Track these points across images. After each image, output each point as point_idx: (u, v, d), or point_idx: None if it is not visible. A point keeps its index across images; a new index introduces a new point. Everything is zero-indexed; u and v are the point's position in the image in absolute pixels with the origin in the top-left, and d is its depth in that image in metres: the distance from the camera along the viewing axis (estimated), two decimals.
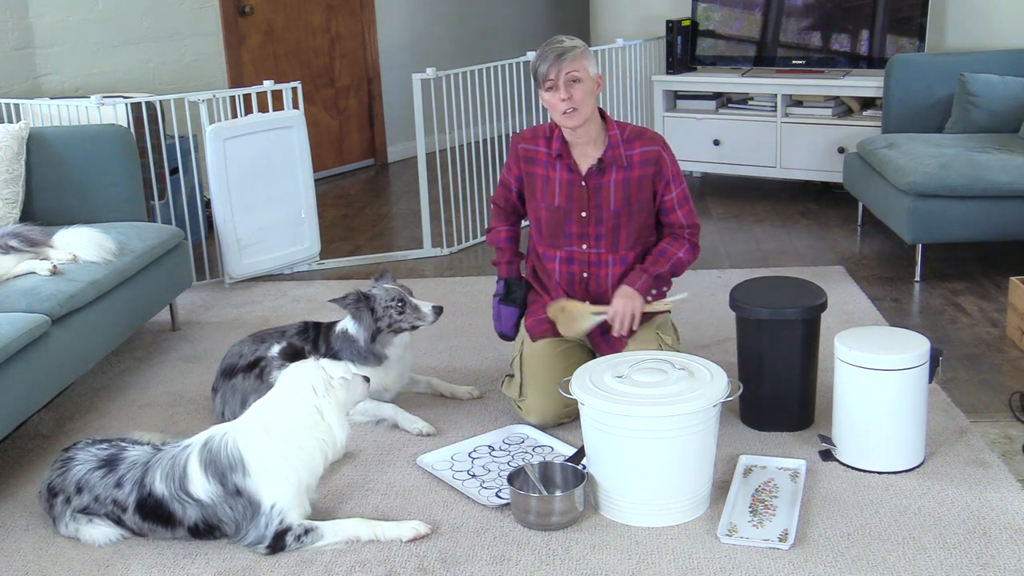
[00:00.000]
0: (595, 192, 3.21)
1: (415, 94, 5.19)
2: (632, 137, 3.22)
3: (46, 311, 3.28)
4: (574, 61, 3.10)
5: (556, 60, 3.09)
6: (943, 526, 2.65)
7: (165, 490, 2.64)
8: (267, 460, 2.63)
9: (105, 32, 5.72)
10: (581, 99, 3.10)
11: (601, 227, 3.23)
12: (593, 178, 3.21)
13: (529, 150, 3.30)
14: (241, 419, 2.73)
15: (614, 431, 2.70)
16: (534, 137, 3.31)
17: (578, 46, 3.13)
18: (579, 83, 3.10)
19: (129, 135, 4.28)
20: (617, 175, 3.20)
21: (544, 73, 3.11)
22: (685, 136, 6.16)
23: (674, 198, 3.25)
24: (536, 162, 3.29)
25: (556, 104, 3.12)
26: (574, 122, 3.13)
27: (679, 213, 3.26)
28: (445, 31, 8.00)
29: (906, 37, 5.61)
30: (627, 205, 3.22)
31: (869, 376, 2.86)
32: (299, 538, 2.64)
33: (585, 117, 3.14)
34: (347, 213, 6.27)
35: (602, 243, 3.25)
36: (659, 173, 3.21)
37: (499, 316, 3.46)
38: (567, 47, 3.11)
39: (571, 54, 3.10)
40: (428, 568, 2.56)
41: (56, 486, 2.74)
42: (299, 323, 3.54)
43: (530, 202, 3.36)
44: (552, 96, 3.13)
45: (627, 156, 3.20)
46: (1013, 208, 4.33)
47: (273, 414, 2.67)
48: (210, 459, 2.64)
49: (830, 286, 4.01)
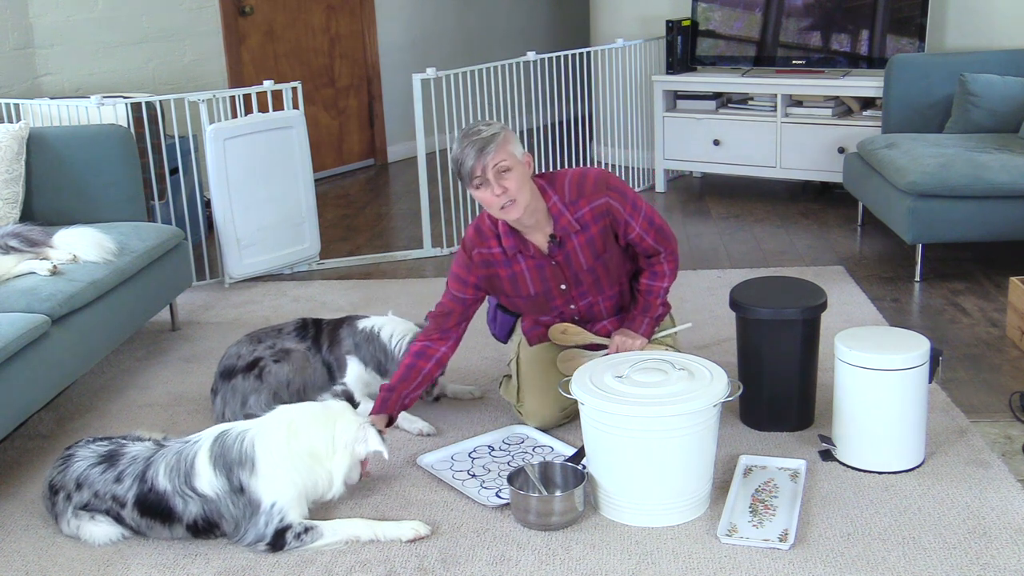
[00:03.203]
0: (566, 265, 3.09)
1: (415, 94, 5.19)
2: (574, 197, 3.01)
3: (46, 311, 3.28)
4: (499, 150, 2.86)
5: (479, 154, 2.85)
6: (943, 526, 2.65)
7: (168, 485, 2.65)
8: (277, 464, 2.66)
9: (105, 32, 5.72)
10: (516, 188, 2.88)
11: (581, 287, 3.14)
12: (557, 253, 3.06)
13: (485, 255, 3.08)
14: (264, 420, 2.78)
15: (614, 431, 2.70)
16: (484, 240, 3.08)
17: (498, 132, 2.89)
18: (510, 172, 2.87)
19: (129, 135, 4.28)
20: (577, 239, 3.04)
21: (470, 170, 2.87)
22: (685, 136, 6.16)
23: (639, 231, 3.07)
24: (495, 264, 3.09)
25: (491, 200, 2.90)
26: (515, 214, 2.92)
27: (649, 241, 3.09)
28: (445, 31, 8.00)
29: (906, 37, 5.61)
30: (598, 259, 3.09)
31: (869, 376, 2.86)
32: (299, 536, 2.64)
33: (524, 205, 2.92)
34: (347, 213, 6.27)
35: (587, 295, 3.17)
36: (615, 220, 3.04)
37: (495, 319, 3.46)
38: (487, 136, 2.87)
39: (494, 144, 2.86)
40: (428, 568, 2.56)
41: (57, 483, 2.75)
42: (297, 320, 3.54)
43: (502, 298, 3.24)
44: (484, 193, 2.89)
45: (577, 219, 3.02)
46: (1013, 208, 4.33)
47: (299, 429, 2.73)
48: (221, 453, 2.66)
49: (830, 286, 4.01)
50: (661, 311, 3.24)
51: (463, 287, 3.12)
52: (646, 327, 3.18)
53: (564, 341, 3.23)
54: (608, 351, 3.14)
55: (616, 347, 3.13)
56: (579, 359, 3.18)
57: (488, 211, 3.00)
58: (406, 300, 4.47)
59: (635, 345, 3.12)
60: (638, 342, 3.13)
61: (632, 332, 3.16)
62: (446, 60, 7.27)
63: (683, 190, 6.43)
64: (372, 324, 3.43)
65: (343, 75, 7.33)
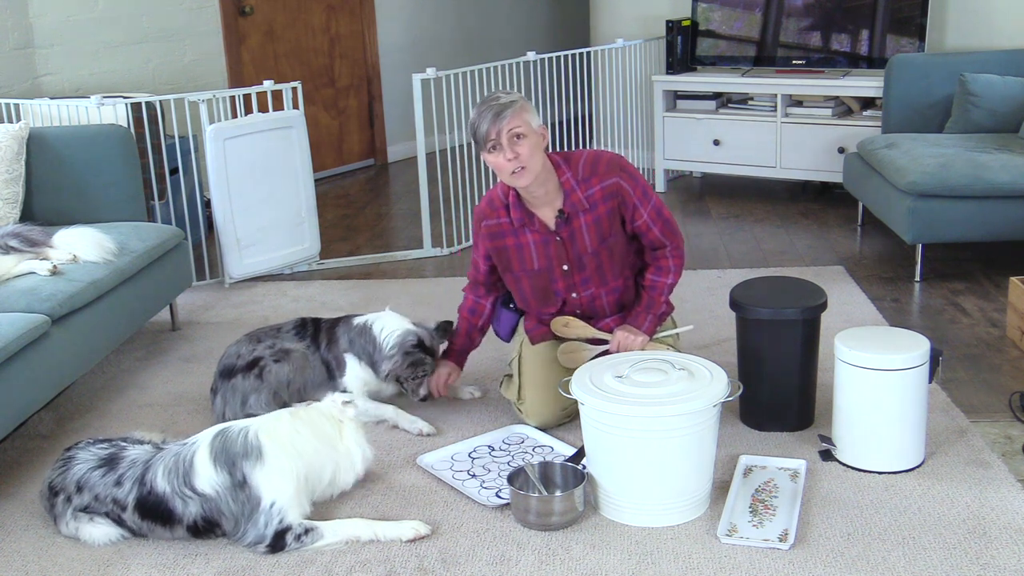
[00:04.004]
0: (570, 243, 3.11)
1: (415, 94, 5.19)
2: (587, 175, 3.06)
3: (46, 311, 3.28)
4: (514, 116, 2.92)
5: (495, 119, 2.91)
6: (943, 526, 2.65)
7: (167, 486, 2.65)
8: (283, 454, 2.69)
9: (105, 32, 5.72)
10: (528, 155, 2.94)
11: (584, 271, 3.16)
12: (563, 229, 3.10)
13: (492, 226, 3.17)
14: (267, 417, 2.82)
15: (614, 431, 2.70)
16: (494, 210, 3.16)
17: (516, 100, 2.95)
18: (523, 138, 2.93)
19: (129, 135, 4.28)
20: (585, 218, 3.08)
21: (484, 133, 2.93)
22: (685, 136, 6.16)
23: (646, 219, 3.10)
24: (503, 235, 3.16)
25: (503, 165, 2.95)
26: (524, 180, 2.98)
27: (655, 231, 3.12)
28: (445, 31, 8.00)
29: (906, 37, 5.61)
30: (603, 242, 3.11)
31: (869, 376, 2.86)
32: (299, 538, 2.64)
33: (535, 173, 2.98)
34: (347, 213, 6.27)
35: (590, 284, 3.18)
36: (623, 202, 3.08)
37: (498, 317, 3.46)
38: (504, 103, 2.93)
39: (510, 110, 2.92)
40: (428, 568, 2.56)
41: (56, 485, 2.75)
42: (295, 319, 3.54)
43: (507, 275, 3.26)
44: (497, 157, 2.95)
45: (587, 197, 3.06)
46: (1013, 208, 4.33)
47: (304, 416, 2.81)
48: (222, 447, 2.67)
49: (830, 286, 4.01)
50: (665, 309, 3.24)
51: (477, 253, 3.29)
52: (649, 324, 3.18)
53: (566, 334, 3.24)
54: (609, 346, 3.15)
55: (618, 343, 3.13)
56: (580, 352, 3.19)
57: (499, 176, 3.04)
58: (406, 300, 4.47)
59: (636, 342, 3.12)
60: (639, 339, 3.13)
61: (634, 328, 3.16)
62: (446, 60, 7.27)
63: (683, 190, 6.43)
64: (367, 319, 3.45)
65: (343, 75, 7.33)
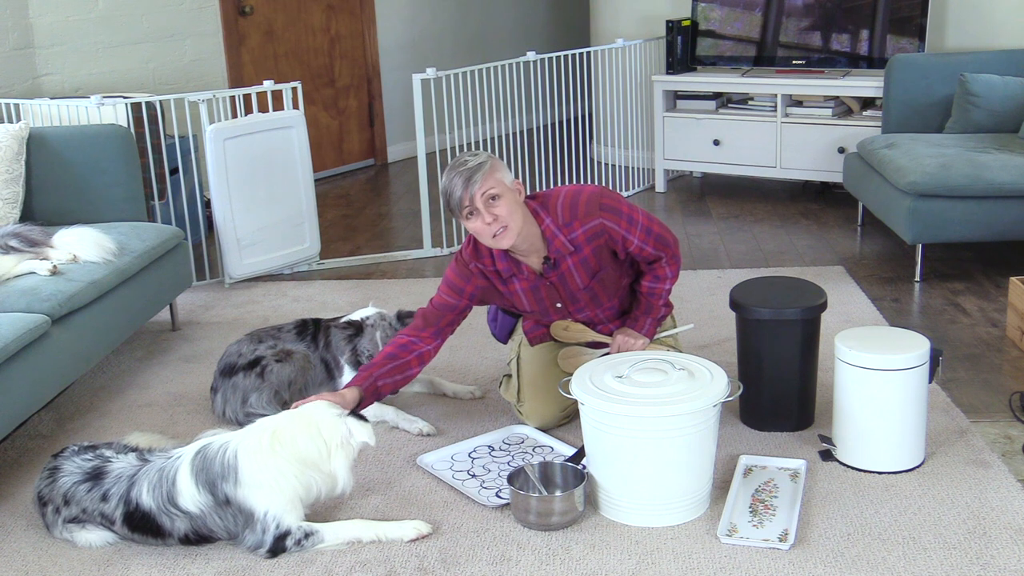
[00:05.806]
0: (560, 284, 3.07)
1: (415, 94, 5.19)
2: (568, 220, 2.97)
3: (46, 311, 3.28)
4: (486, 178, 2.83)
5: (467, 184, 2.82)
6: (943, 526, 2.65)
7: (153, 504, 2.61)
8: (263, 474, 2.60)
9: (105, 32, 5.72)
10: (508, 214, 2.84)
11: (578, 303, 3.14)
12: (551, 274, 3.04)
13: (483, 268, 3.05)
14: (246, 431, 2.70)
15: (614, 431, 2.70)
16: (480, 257, 3.04)
17: (485, 160, 2.85)
18: (499, 198, 2.84)
19: (129, 135, 4.28)
20: (572, 259, 3.02)
21: (459, 201, 2.84)
22: (685, 136, 6.16)
23: (637, 244, 3.04)
24: (493, 279, 3.08)
25: (482, 229, 2.87)
26: (507, 242, 2.89)
27: (649, 250, 3.06)
28: (445, 31, 8.00)
29: (906, 37, 5.61)
30: (593, 277, 3.08)
31: (869, 376, 2.86)
32: (299, 542, 2.63)
33: (517, 231, 2.88)
34: (347, 213, 6.27)
35: (585, 311, 3.17)
36: (611, 238, 3.01)
37: (495, 319, 3.45)
38: (473, 166, 2.84)
39: (480, 172, 2.83)
40: (428, 568, 2.56)
41: (45, 496, 2.73)
42: (296, 321, 3.54)
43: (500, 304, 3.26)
44: (475, 222, 2.86)
45: (571, 240, 2.99)
46: (1013, 208, 4.33)
47: (285, 437, 2.65)
48: (203, 467, 2.62)
49: (830, 286, 4.01)
50: (663, 311, 3.24)
51: (458, 296, 3.08)
52: (648, 327, 3.18)
53: (566, 338, 3.23)
54: (609, 350, 3.14)
55: (618, 347, 3.13)
56: (580, 357, 3.18)
57: (481, 241, 2.95)
58: (406, 300, 4.47)
59: (637, 345, 3.12)
60: (640, 342, 3.13)
61: (634, 332, 3.16)
62: (446, 60, 7.28)
63: (683, 190, 6.43)
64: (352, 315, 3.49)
65: (343, 75, 7.33)
